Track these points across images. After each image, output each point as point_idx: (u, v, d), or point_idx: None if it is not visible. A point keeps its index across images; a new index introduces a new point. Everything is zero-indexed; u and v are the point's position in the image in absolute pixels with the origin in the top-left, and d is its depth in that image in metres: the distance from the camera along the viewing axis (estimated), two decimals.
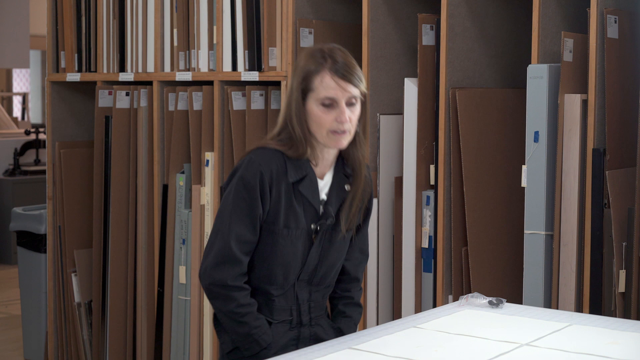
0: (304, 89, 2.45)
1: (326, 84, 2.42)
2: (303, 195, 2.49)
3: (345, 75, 2.42)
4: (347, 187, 2.56)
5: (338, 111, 2.42)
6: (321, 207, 2.53)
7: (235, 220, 2.45)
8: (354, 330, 2.64)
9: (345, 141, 2.46)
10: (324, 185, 2.55)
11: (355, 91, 2.44)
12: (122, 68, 4.28)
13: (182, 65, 4.06)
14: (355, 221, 2.60)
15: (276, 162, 2.46)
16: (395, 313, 3.59)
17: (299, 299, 2.56)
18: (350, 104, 2.45)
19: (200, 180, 4.00)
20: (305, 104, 2.45)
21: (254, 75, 3.79)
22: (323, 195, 2.54)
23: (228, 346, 2.56)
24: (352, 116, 2.45)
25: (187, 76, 4.00)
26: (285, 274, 2.52)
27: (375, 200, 3.59)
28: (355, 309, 2.69)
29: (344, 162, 2.57)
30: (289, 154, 2.47)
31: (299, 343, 2.57)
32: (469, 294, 2.76)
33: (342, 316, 2.66)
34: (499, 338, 2.39)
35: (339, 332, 2.63)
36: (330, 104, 2.43)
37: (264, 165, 2.45)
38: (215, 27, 3.92)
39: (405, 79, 3.53)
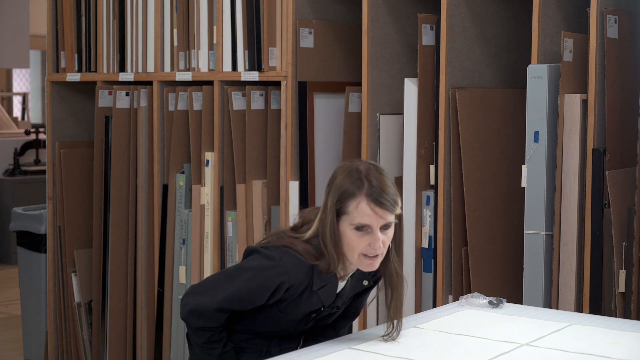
0: (339, 211, 2.37)
1: (362, 211, 2.34)
2: (318, 296, 2.45)
3: (382, 202, 2.34)
4: (365, 282, 2.54)
5: (372, 237, 2.35)
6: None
7: (231, 295, 2.42)
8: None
9: (377, 264, 2.41)
10: (341, 283, 2.51)
11: (390, 217, 2.37)
12: (122, 68, 4.28)
13: (182, 65, 4.06)
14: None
15: (304, 276, 2.41)
16: None
17: (271, 344, 2.57)
18: (385, 227, 2.38)
19: (200, 180, 4.00)
20: (339, 224, 2.38)
21: (254, 75, 3.79)
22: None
23: None
24: (385, 240, 2.38)
25: (187, 76, 4.00)
26: (269, 335, 2.54)
27: None
28: (330, 333, 2.65)
29: None
30: (319, 267, 2.42)
31: None
32: (469, 294, 2.76)
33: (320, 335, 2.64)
34: (499, 338, 2.39)
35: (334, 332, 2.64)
36: (363, 229, 2.36)
37: (292, 276, 2.39)
38: (215, 27, 3.92)
39: (405, 79, 3.52)
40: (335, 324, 2.63)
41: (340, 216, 2.37)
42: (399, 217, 2.43)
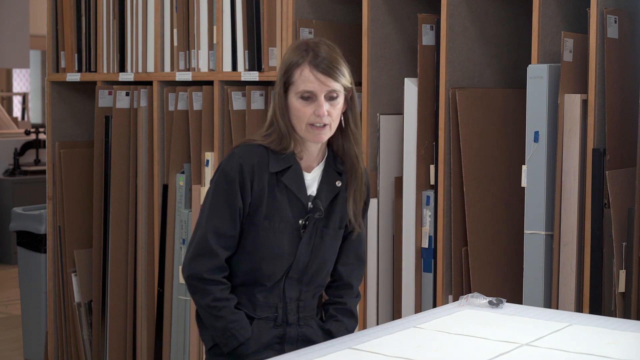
0: (286, 82, 2.45)
1: (305, 77, 2.42)
2: (288, 188, 2.48)
3: (325, 69, 2.43)
4: (338, 183, 2.55)
5: (316, 105, 2.42)
6: (309, 202, 2.51)
7: (214, 214, 2.46)
8: (345, 334, 2.59)
9: (324, 136, 2.47)
10: (312, 180, 2.53)
11: (335, 85, 2.44)
12: (122, 68, 4.28)
13: (182, 65, 4.06)
14: (353, 217, 2.58)
15: (258, 155, 2.46)
16: (395, 313, 3.59)
17: (287, 297, 2.54)
18: (330, 97, 2.44)
19: (200, 180, 4.00)
20: (287, 97, 2.46)
21: (254, 75, 3.79)
22: (312, 191, 2.53)
23: (209, 343, 2.56)
24: (331, 110, 2.44)
25: (187, 76, 4.00)
26: (272, 269, 2.51)
27: (375, 200, 3.59)
28: (348, 316, 2.65)
29: (335, 158, 2.56)
30: (272, 147, 2.47)
31: (284, 342, 2.55)
32: (469, 294, 2.76)
33: (333, 319, 2.63)
34: (499, 338, 2.39)
35: (329, 335, 2.60)
36: (309, 97, 2.43)
37: (245, 158, 2.45)
38: (215, 27, 3.92)
39: (405, 79, 3.53)
40: (341, 275, 2.63)
41: (288, 87, 2.45)
42: (350, 92, 2.50)
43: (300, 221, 2.51)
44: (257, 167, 2.45)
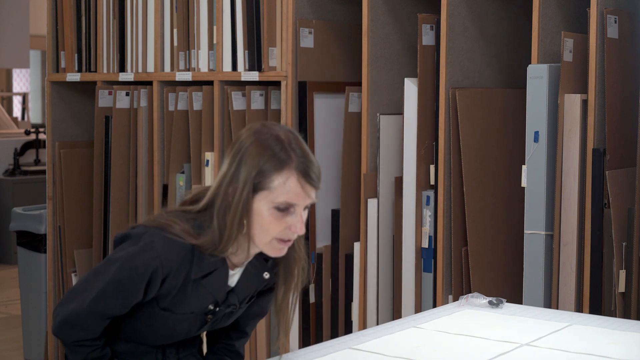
0: (257, 185, 1.99)
1: (289, 188, 1.98)
2: (205, 288, 2.10)
3: (311, 178, 2.00)
4: (265, 275, 2.18)
5: (294, 218, 2.01)
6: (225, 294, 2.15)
7: (103, 297, 2.05)
8: None
9: (286, 250, 2.07)
10: (234, 273, 2.15)
11: (314, 195, 2.03)
12: (122, 68, 4.28)
13: (182, 65, 4.06)
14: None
15: (180, 258, 2.04)
16: (395, 313, 3.59)
17: (166, 353, 2.24)
18: (305, 207, 2.04)
19: (200, 180, 4.00)
20: (253, 202, 2.01)
21: (254, 75, 3.79)
22: (231, 282, 2.15)
23: None
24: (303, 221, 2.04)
25: (187, 76, 4.00)
26: (160, 342, 2.18)
27: (375, 200, 3.59)
28: (234, 356, 2.37)
29: None
30: (201, 247, 2.04)
31: None
32: (469, 294, 2.76)
33: (216, 358, 2.36)
34: (499, 338, 2.39)
35: None
36: (285, 209, 2.00)
37: (164, 259, 2.02)
38: (215, 27, 3.92)
39: (405, 79, 3.53)
40: (238, 323, 2.32)
41: (257, 192, 1.99)
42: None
43: (210, 306, 2.14)
44: (175, 272, 2.04)
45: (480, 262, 3.44)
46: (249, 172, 1.99)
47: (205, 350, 2.40)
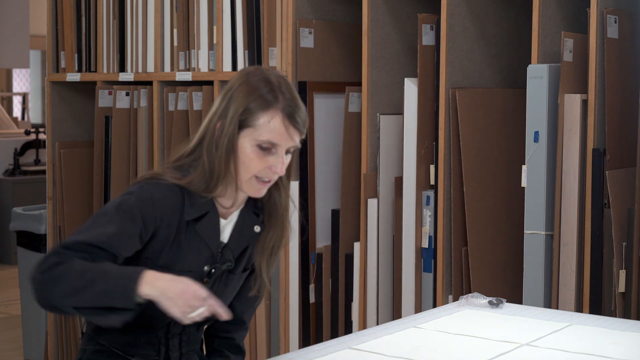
0: (242, 122, 2.06)
1: (273, 127, 2.04)
2: (198, 236, 2.12)
3: (296, 120, 2.06)
4: (257, 228, 2.21)
5: (275, 159, 2.06)
6: (219, 250, 2.17)
7: (103, 231, 1.99)
8: None
9: (264, 192, 2.12)
10: (226, 224, 2.17)
11: (297, 140, 2.09)
12: (122, 68, 4.28)
13: (182, 65, 4.06)
14: (265, 273, 2.23)
15: (172, 198, 2.07)
16: (395, 313, 3.59)
17: (170, 333, 2.19)
18: (287, 152, 2.09)
19: None
20: (237, 139, 2.07)
21: None
22: (224, 237, 2.17)
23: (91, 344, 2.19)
24: (285, 164, 2.09)
25: (187, 76, 4.00)
26: (159, 313, 1.98)
27: (375, 200, 3.59)
28: (236, 350, 2.36)
29: (255, 201, 2.21)
30: (190, 189, 2.09)
31: None
32: (469, 294, 2.76)
33: (218, 355, 2.35)
34: (499, 338, 2.39)
35: None
36: (267, 148, 2.06)
37: (157, 201, 2.05)
38: (215, 27, 3.92)
39: (405, 79, 3.53)
40: (235, 312, 2.27)
41: (243, 129, 2.06)
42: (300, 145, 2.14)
43: (205, 267, 2.15)
44: (169, 216, 2.06)
45: (480, 262, 3.44)
46: (237, 108, 2.06)
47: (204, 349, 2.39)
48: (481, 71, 3.58)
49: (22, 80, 13.49)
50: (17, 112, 12.99)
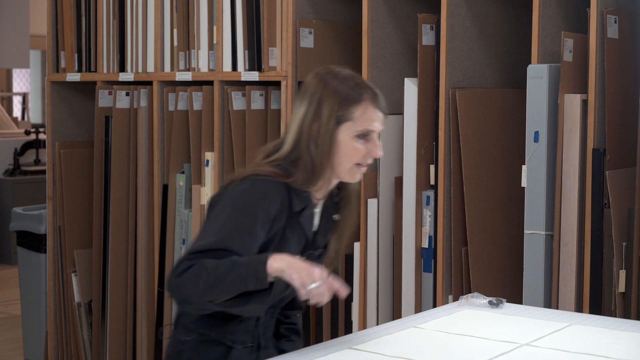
0: (340, 117, 2.28)
1: (368, 116, 2.28)
2: (300, 227, 2.32)
3: (383, 106, 2.32)
4: (336, 216, 2.43)
5: (372, 144, 2.30)
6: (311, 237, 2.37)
7: (225, 235, 2.19)
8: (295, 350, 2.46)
9: (361, 176, 2.37)
10: (316, 214, 2.39)
11: (383, 123, 2.34)
12: (122, 68, 4.28)
13: (182, 65, 4.06)
14: (334, 252, 2.47)
15: (281, 193, 2.27)
16: (395, 313, 3.59)
17: (259, 321, 2.38)
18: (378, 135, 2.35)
19: (200, 180, 4.00)
20: (337, 133, 2.28)
21: (254, 75, 3.79)
22: (315, 225, 2.39)
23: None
24: None
25: (187, 76, 4.00)
26: (257, 306, 2.23)
27: (375, 200, 3.59)
28: (298, 335, 2.52)
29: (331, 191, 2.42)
30: (294, 185, 2.29)
31: None
32: (469, 294, 2.76)
33: (285, 339, 2.49)
34: (499, 338, 2.39)
35: (282, 353, 2.42)
36: (365, 136, 2.29)
37: (270, 198, 2.25)
38: (215, 27, 3.92)
39: (405, 79, 3.52)
40: (295, 297, 2.39)
41: (341, 124, 2.28)
42: None
43: (301, 254, 2.34)
44: (280, 207, 2.26)
45: (480, 262, 3.44)
46: (331, 107, 2.28)
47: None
48: (481, 71, 3.58)
49: (22, 80, 13.49)
50: (17, 112, 12.99)
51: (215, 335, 2.33)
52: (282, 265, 2.14)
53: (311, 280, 2.14)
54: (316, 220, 2.39)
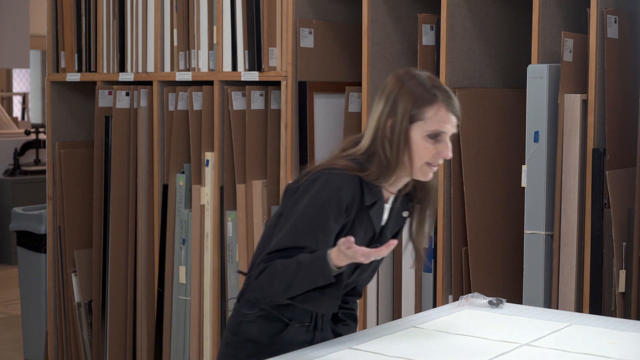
0: (413, 117, 2.34)
1: (441, 117, 2.34)
2: (370, 219, 2.40)
3: (458, 112, 2.38)
4: (405, 214, 2.50)
5: (442, 145, 2.36)
6: (379, 231, 2.45)
7: (297, 234, 2.31)
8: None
9: (432, 175, 2.42)
10: (385, 208, 2.46)
11: (456, 127, 2.40)
12: (122, 68, 4.28)
13: (182, 65, 4.06)
14: (419, 245, 2.57)
15: (354, 187, 2.35)
16: (395, 313, 3.59)
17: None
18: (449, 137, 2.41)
19: (200, 180, 4.00)
20: (410, 132, 2.35)
21: (254, 75, 3.79)
22: (383, 220, 2.46)
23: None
24: None
25: (187, 76, 4.00)
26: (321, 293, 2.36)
27: None
28: (353, 319, 2.61)
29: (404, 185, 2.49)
30: (367, 179, 2.37)
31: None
32: (469, 294, 2.76)
33: (342, 324, 2.58)
34: (499, 338, 2.39)
35: (338, 336, 2.54)
36: (436, 136, 2.35)
37: (344, 192, 2.33)
38: (215, 27, 3.92)
39: None
40: (354, 286, 2.55)
41: (414, 122, 2.34)
42: None
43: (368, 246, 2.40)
44: (351, 202, 2.34)
45: (480, 262, 3.44)
46: (406, 106, 2.34)
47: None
48: (481, 71, 3.58)
49: (22, 80, 13.49)
50: (17, 112, 12.99)
51: (275, 312, 2.43)
52: (348, 256, 2.23)
53: (373, 257, 2.24)
54: (385, 215, 2.46)
